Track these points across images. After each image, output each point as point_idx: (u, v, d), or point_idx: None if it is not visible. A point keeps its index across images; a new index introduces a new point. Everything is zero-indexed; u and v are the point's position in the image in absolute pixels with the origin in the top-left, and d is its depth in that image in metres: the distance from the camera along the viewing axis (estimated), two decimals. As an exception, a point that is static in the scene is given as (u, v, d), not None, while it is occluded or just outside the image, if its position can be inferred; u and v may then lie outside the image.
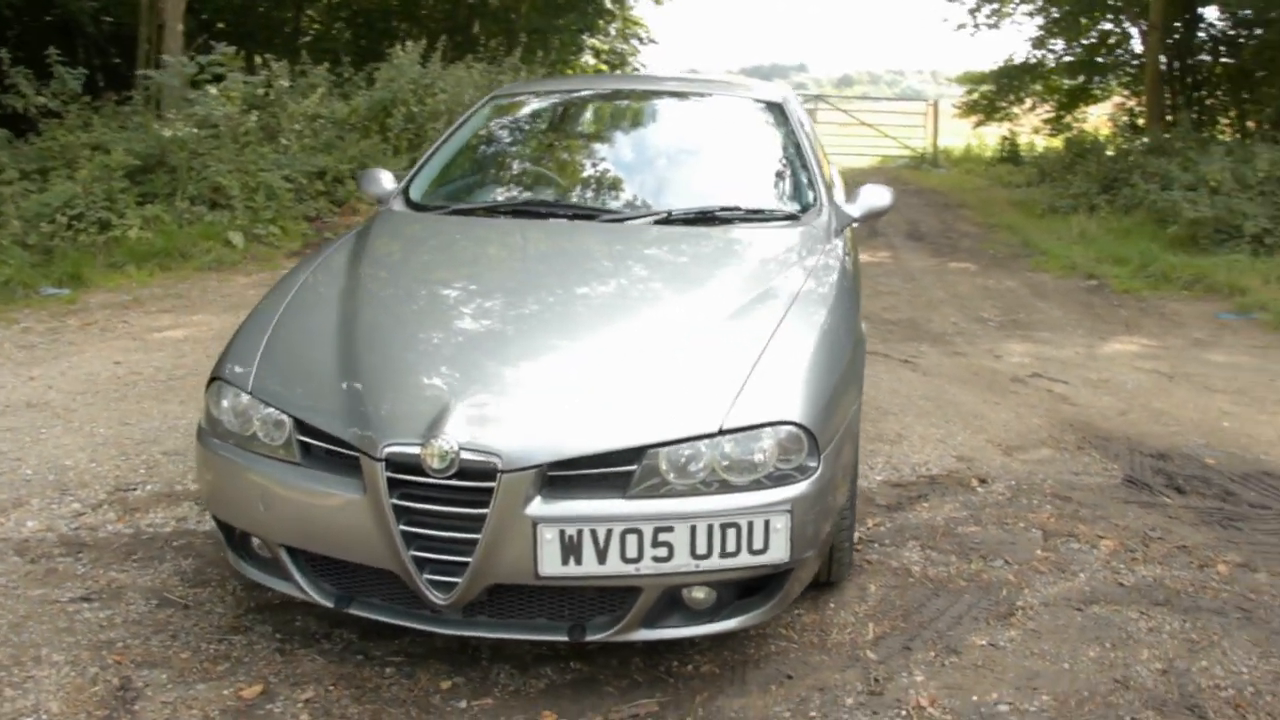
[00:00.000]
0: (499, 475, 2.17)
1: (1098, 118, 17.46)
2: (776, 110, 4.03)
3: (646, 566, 2.19)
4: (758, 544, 2.22)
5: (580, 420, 2.26)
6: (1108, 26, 16.24)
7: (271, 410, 2.46)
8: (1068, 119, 17.52)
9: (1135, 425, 4.56)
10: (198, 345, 5.61)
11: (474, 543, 2.20)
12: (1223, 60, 14.77)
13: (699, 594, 2.33)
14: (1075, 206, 10.78)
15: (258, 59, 9.32)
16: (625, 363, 2.45)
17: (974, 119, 18.39)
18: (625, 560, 2.18)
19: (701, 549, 2.19)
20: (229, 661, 2.56)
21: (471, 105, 10.09)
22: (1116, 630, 2.79)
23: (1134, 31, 16.70)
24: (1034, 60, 17.48)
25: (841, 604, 2.88)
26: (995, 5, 17.36)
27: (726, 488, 2.25)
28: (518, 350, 2.52)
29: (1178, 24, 14.38)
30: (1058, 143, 16.24)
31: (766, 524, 2.21)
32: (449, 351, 2.54)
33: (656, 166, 3.79)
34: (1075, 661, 2.63)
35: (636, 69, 14.29)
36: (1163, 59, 14.58)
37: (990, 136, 18.93)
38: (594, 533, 2.16)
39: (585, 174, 3.75)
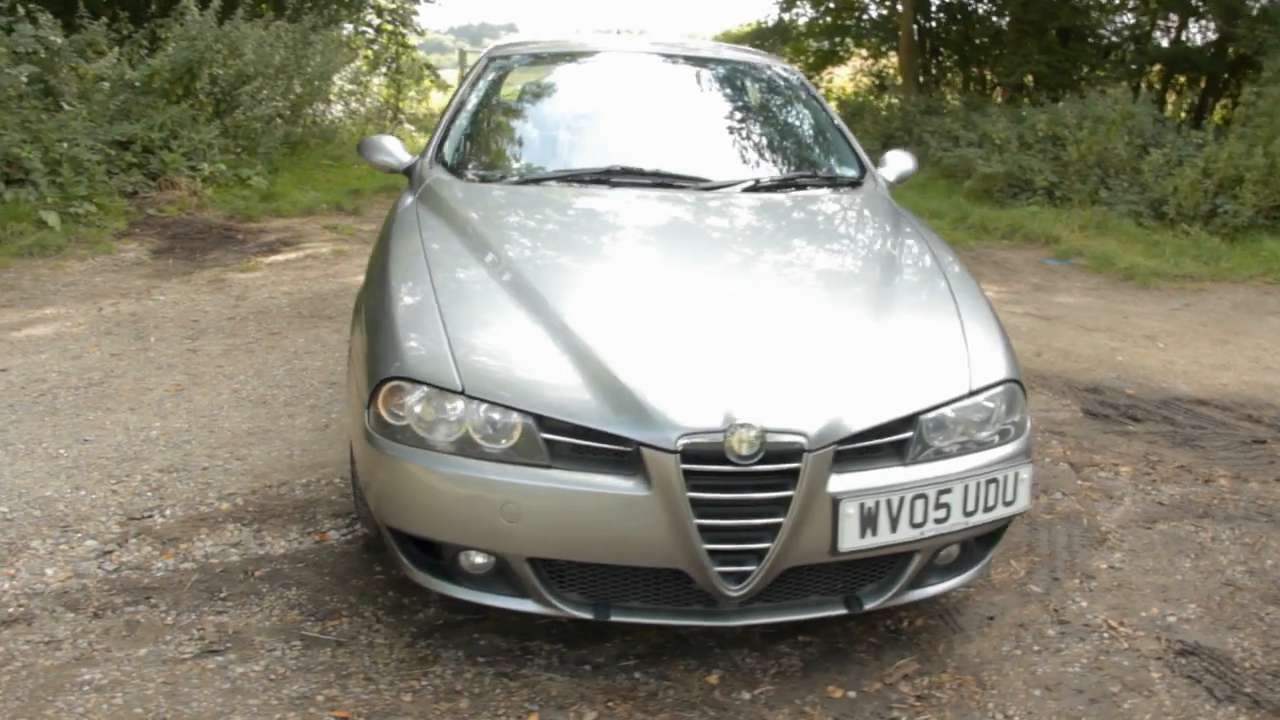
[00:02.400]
0: (805, 455, 2.18)
1: (844, 79, 18.81)
2: (795, 79, 4.17)
3: (930, 529, 2.30)
4: (1009, 496, 2.39)
5: (859, 392, 2.30)
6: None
7: (496, 410, 2.26)
8: (815, 79, 18.76)
9: (1054, 364, 5.15)
10: (81, 343, 4.95)
11: (774, 528, 2.20)
12: (954, 27, 16.36)
13: (947, 550, 2.47)
14: (866, 164, 11.65)
15: (19, 9, 8.03)
16: (848, 331, 2.51)
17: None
18: (913, 525, 2.27)
19: (970, 506, 2.33)
20: (468, 697, 2.37)
21: (281, 67, 9.38)
22: (1189, 543, 3.23)
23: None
24: (785, 22, 18.49)
25: (970, 547, 3.13)
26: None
27: (975, 446, 2.39)
28: (745, 327, 2.50)
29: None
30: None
31: (1016, 476, 2.39)
32: (683, 333, 2.45)
33: (711, 133, 3.80)
34: (1183, 573, 3.03)
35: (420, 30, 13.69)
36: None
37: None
38: (889, 502, 2.24)
39: (647, 141, 3.66)
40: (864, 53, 18.66)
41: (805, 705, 2.33)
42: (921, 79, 15.14)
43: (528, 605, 2.35)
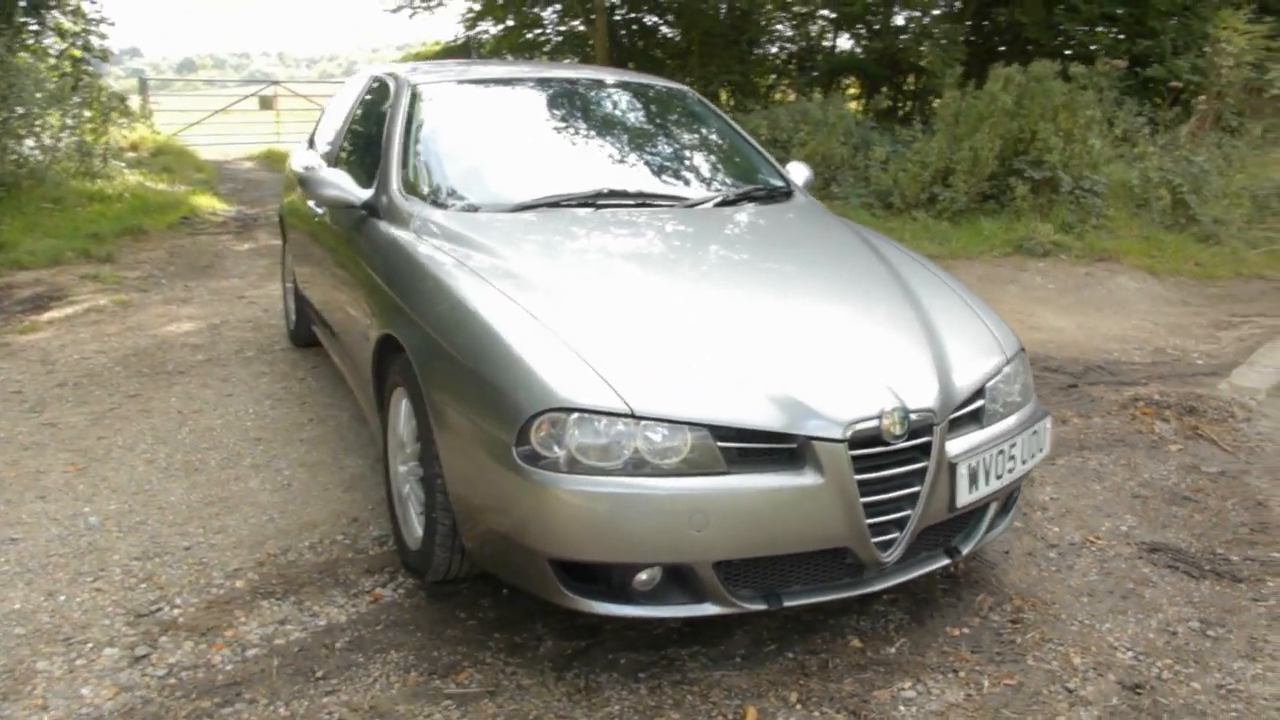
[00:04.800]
0: (933, 428, 2.55)
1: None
2: (694, 99, 4.52)
3: (1006, 478, 2.76)
4: (1042, 444, 2.92)
5: (949, 371, 2.71)
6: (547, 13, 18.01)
7: (663, 426, 2.36)
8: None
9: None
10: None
11: (914, 496, 2.54)
12: (639, 42, 17.43)
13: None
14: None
15: None
16: (911, 322, 2.88)
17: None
18: (996, 477, 2.73)
19: (1024, 456, 2.83)
20: (672, 707, 2.47)
21: (43, 99, 8.22)
22: (1087, 471, 3.99)
23: (544, 15, 18.84)
24: (471, 40, 18.67)
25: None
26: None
27: (1009, 408, 2.89)
28: (838, 328, 2.83)
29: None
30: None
31: (1045, 426, 2.93)
32: (796, 337, 2.71)
33: (666, 153, 4.07)
34: (1102, 494, 3.77)
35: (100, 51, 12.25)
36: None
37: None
38: (985, 459, 2.68)
39: (615, 162, 3.85)
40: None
41: (944, 646, 2.72)
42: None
43: (707, 609, 2.49)
